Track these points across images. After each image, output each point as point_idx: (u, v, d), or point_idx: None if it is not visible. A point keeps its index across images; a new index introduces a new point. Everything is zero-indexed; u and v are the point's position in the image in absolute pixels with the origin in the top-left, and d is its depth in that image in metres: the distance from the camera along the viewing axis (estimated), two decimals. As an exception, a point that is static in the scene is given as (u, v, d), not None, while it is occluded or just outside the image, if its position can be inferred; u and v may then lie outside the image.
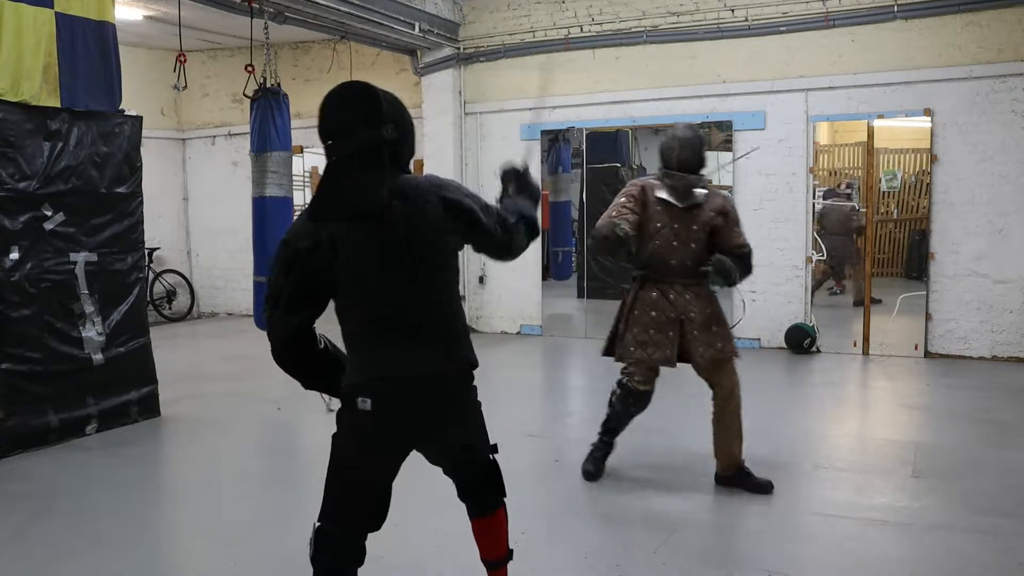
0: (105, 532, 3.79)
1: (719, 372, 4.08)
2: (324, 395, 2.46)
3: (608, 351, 4.23)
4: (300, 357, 2.35)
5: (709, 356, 4.02)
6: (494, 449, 2.63)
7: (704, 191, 4.13)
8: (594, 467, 4.33)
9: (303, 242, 2.23)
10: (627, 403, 4.22)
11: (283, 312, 2.27)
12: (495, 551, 2.75)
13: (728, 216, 4.12)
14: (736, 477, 4.15)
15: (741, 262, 4.13)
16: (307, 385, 2.43)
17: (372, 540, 3.60)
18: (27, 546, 3.63)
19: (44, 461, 4.83)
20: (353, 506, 2.32)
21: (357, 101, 2.29)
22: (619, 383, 4.24)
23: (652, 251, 4.06)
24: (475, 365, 2.46)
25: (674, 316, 4.04)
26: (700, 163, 4.08)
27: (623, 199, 4.09)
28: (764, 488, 4.08)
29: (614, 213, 4.00)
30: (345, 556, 2.32)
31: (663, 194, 4.07)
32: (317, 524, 2.32)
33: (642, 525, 3.74)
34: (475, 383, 2.49)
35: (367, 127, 2.25)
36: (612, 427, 4.36)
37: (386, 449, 2.33)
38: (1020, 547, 3.43)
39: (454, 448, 2.54)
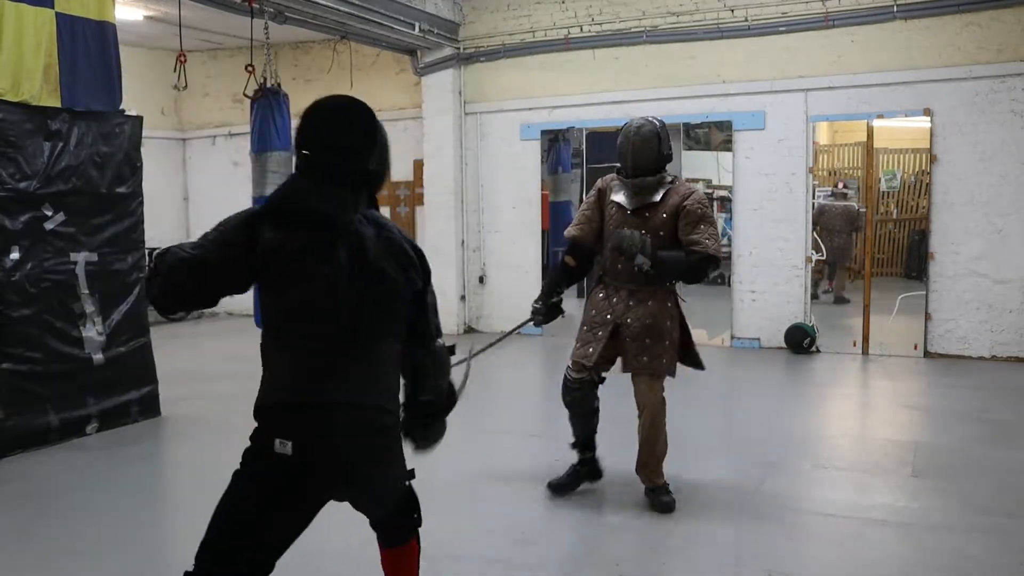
0: (105, 532, 3.79)
1: (637, 385, 3.87)
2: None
3: None
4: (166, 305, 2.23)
5: (633, 368, 3.84)
6: (411, 475, 2.34)
7: (663, 190, 3.82)
8: (558, 481, 4.09)
9: (269, 231, 2.06)
10: (563, 392, 4.01)
11: (196, 278, 2.09)
12: None
13: (684, 211, 3.75)
14: (647, 491, 3.92)
15: (686, 258, 3.75)
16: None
17: (372, 542, 3.60)
18: (27, 545, 3.63)
19: (44, 461, 4.82)
20: (244, 557, 2.06)
21: (357, 123, 2.17)
22: (564, 378, 4.04)
23: (604, 253, 3.96)
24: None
25: (610, 319, 3.86)
26: (659, 163, 3.81)
27: (584, 205, 4.07)
28: (660, 508, 3.83)
29: (574, 221, 4.05)
30: None
31: (618, 197, 3.88)
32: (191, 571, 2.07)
33: (642, 525, 3.74)
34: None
35: (357, 153, 2.14)
36: (573, 431, 4.08)
37: (306, 500, 2.12)
38: (1020, 546, 3.44)
39: (378, 489, 2.26)
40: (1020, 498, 4.00)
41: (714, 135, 8.42)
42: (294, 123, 6.76)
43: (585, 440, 4.07)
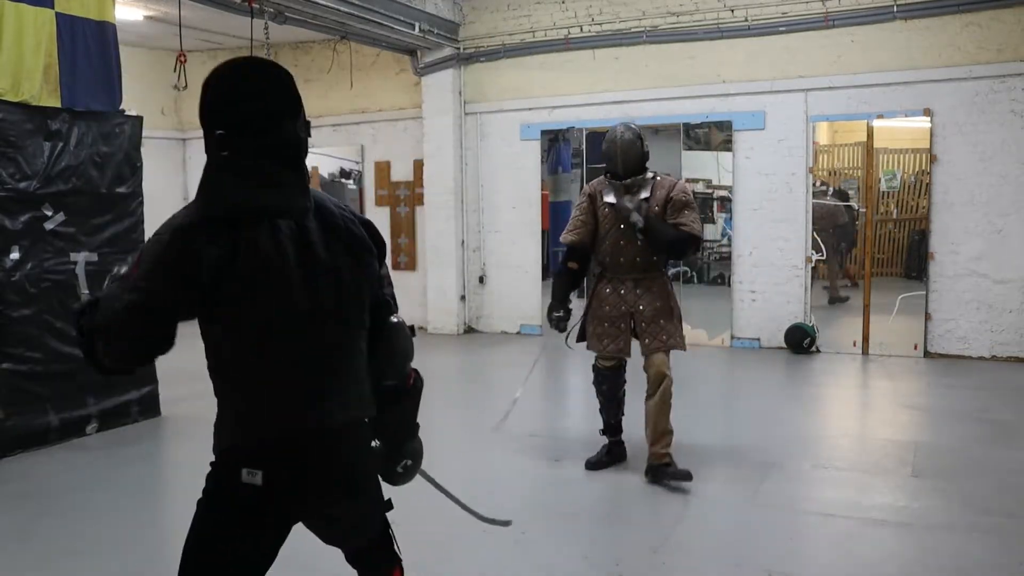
0: (105, 532, 3.79)
1: (654, 361, 4.24)
2: None
3: (580, 338, 4.55)
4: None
5: (654, 347, 4.25)
6: (389, 506, 2.07)
7: (650, 186, 4.30)
8: (595, 459, 4.56)
9: (210, 246, 1.69)
10: (597, 382, 4.54)
11: (149, 327, 1.76)
12: None
13: (672, 201, 4.24)
14: (656, 470, 4.20)
15: (674, 231, 4.21)
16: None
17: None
18: (27, 545, 3.63)
19: (44, 461, 4.83)
20: None
21: (277, 86, 1.80)
22: (593, 369, 4.57)
23: (604, 251, 4.37)
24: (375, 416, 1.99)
25: (625, 310, 4.31)
26: (643, 161, 4.31)
27: (577, 211, 4.49)
28: (682, 476, 4.12)
29: (569, 227, 4.46)
30: None
31: (610, 198, 4.33)
32: None
33: (642, 525, 3.74)
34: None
35: (289, 120, 1.80)
36: (604, 418, 4.58)
37: (274, 528, 1.85)
38: (1020, 546, 3.44)
39: (352, 516, 2.00)
40: (1020, 498, 4.00)
41: (714, 135, 8.41)
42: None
43: (615, 425, 4.59)
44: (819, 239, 8.12)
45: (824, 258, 8.35)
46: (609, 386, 4.50)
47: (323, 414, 1.82)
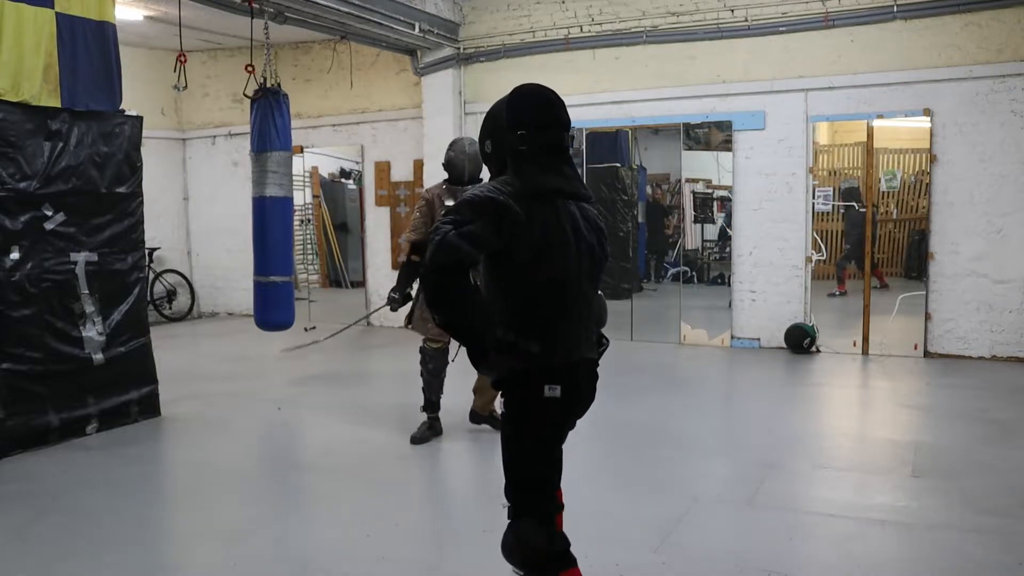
0: (105, 532, 3.79)
1: None
2: (452, 345, 2.59)
3: (409, 321, 5.09)
4: (455, 283, 2.32)
5: None
6: None
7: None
8: (419, 434, 5.08)
9: (517, 208, 2.30)
10: (423, 362, 5.11)
11: (468, 242, 2.26)
12: None
13: None
14: (486, 419, 5.16)
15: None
16: (444, 319, 2.36)
17: (373, 541, 3.59)
18: (27, 546, 3.63)
19: (44, 461, 4.83)
20: (552, 478, 2.50)
21: (562, 104, 2.48)
22: (420, 350, 5.12)
23: None
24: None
25: None
26: (480, 171, 4.94)
27: (417, 213, 5.04)
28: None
29: (411, 227, 5.01)
30: (555, 526, 2.50)
31: (450, 202, 4.78)
32: (526, 517, 2.43)
33: (642, 525, 3.74)
34: None
35: (567, 129, 2.48)
36: (427, 396, 5.13)
37: (567, 424, 2.54)
38: (1020, 546, 3.43)
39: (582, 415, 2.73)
40: (1020, 498, 3.99)
41: (714, 135, 8.42)
42: (294, 123, 6.74)
43: (436, 403, 5.16)
44: (819, 240, 8.12)
45: (824, 258, 8.36)
46: (435, 365, 5.08)
47: (584, 348, 2.49)
